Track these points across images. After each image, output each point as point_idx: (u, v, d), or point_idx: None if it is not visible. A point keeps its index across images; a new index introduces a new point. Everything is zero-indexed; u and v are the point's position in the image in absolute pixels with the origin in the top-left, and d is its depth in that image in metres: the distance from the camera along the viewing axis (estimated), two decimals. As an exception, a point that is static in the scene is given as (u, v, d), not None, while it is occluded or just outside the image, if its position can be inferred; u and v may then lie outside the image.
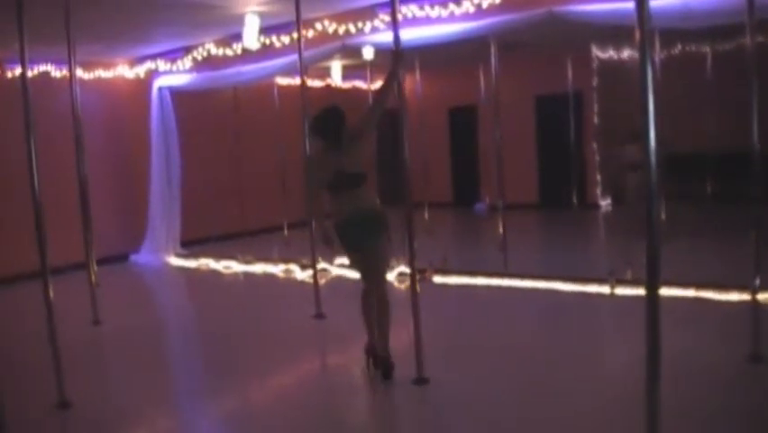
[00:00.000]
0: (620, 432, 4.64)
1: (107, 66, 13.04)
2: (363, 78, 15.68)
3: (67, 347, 5.94)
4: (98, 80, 12.91)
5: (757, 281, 5.80)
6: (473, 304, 8.55)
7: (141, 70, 13.12)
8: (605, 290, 8.21)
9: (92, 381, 6.56)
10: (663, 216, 10.46)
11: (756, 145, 5.65)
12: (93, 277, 8.68)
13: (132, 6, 8.90)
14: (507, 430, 4.86)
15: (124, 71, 13.23)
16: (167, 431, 5.45)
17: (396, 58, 5.81)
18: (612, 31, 7.60)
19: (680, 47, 13.69)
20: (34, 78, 11.53)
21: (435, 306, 5.90)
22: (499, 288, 8.99)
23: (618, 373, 5.73)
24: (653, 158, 3.27)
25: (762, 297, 6.02)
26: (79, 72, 9.55)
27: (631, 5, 3.29)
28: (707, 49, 13.63)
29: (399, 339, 6.03)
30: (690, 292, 7.71)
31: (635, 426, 3.56)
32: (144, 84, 13.11)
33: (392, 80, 5.87)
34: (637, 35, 3.28)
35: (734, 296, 7.35)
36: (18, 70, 5.76)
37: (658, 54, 11.42)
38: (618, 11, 7.48)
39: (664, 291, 7.06)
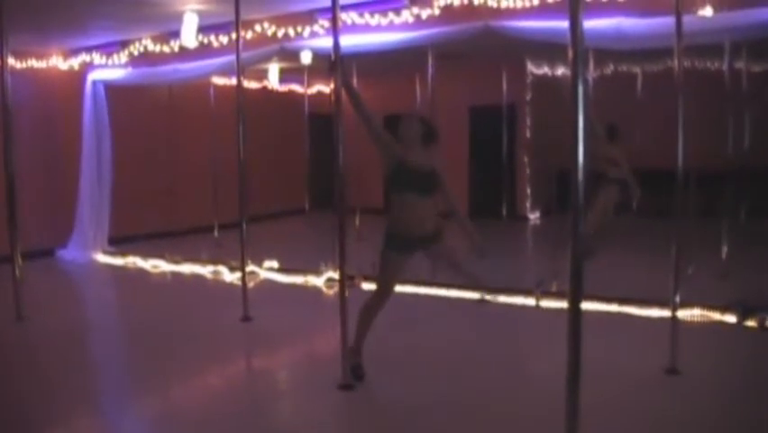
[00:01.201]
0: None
1: (40, 56, 12.77)
2: (300, 82, 15.69)
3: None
4: (30, 70, 12.63)
5: (677, 298, 6.00)
6: (401, 312, 8.58)
7: (75, 62, 12.88)
8: (531, 301, 8.35)
9: (14, 378, 6.42)
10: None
11: (681, 161, 5.88)
12: (17, 271, 8.50)
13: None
14: (429, 437, 4.92)
15: (58, 62, 12.97)
16: (90, 431, 5.38)
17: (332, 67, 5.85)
18: (547, 47, 7.75)
19: (612, 67, 14.02)
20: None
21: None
22: (427, 296, 9.06)
23: (540, 382, 5.83)
24: (580, 172, 3.35)
25: (681, 313, 6.23)
26: (11, 61, 9.34)
27: (566, 25, 3.37)
28: (637, 69, 13.99)
29: (327, 344, 6.05)
30: (614, 307, 7.89)
31: (555, 430, 3.65)
32: (78, 77, 12.87)
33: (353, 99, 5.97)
34: (570, 54, 3.36)
35: (655, 311, 7.55)
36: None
37: (591, 72, 11.67)
38: (553, 29, 7.65)
39: (589, 305, 7.28)
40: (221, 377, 6.45)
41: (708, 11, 7.45)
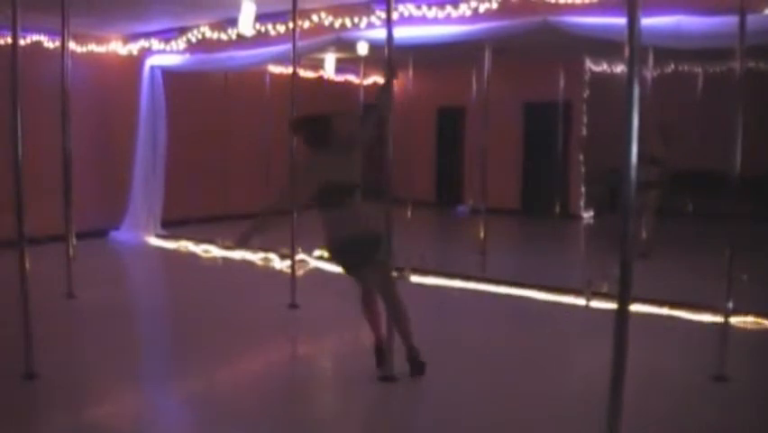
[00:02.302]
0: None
1: (100, 41, 12.96)
2: (356, 73, 15.71)
3: (38, 319, 5.91)
4: (90, 54, 12.83)
5: (730, 304, 5.87)
6: (448, 305, 8.58)
7: (134, 48, 13.05)
8: (581, 301, 8.25)
9: (61, 354, 6.52)
10: (645, 233, 10.53)
11: (737, 164, 5.75)
12: (71, 250, 8.64)
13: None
14: (468, 430, 4.89)
15: (117, 47, 13.15)
16: (131, 408, 5.44)
17: (388, 76, 5.81)
18: (606, 44, 7.63)
19: (673, 66, 13.81)
20: (26, 46, 11.47)
21: (410, 305, 5.91)
22: (475, 291, 9.01)
23: (583, 383, 5.76)
24: (633, 172, 3.29)
25: (733, 319, 6.11)
26: (72, 45, 9.50)
27: (624, 21, 3.31)
28: (698, 69, 13.76)
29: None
30: (665, 310, 7.77)
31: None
32: (136, 62, 13.04)
33: (386, 94, 5.86)
34: (627, 51, 3.30)
35: (706, 317, 7.41)
36: (9, 38, 5.71)
37: (651, 71, 11.50)
38: (611, 26, 7.51)
39: (639, 307, 7.19)
40: (263, 363, 6.51)
41: (774, 10, 7.26)
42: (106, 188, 13.17)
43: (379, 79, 15.67)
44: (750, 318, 7.29)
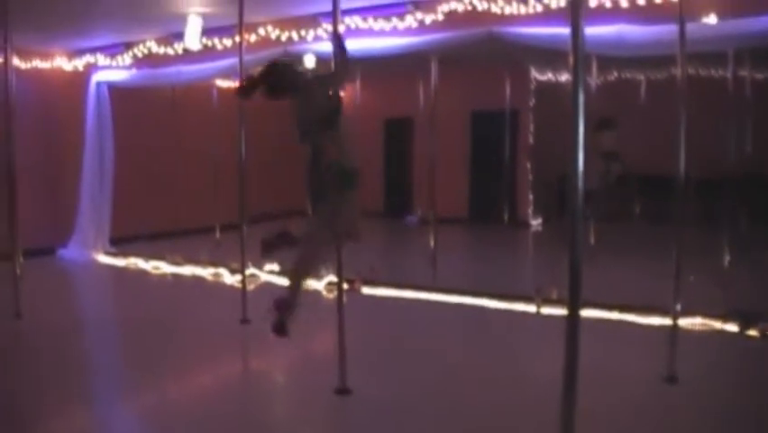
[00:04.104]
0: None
1: (45, 56, 12.81)
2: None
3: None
4: (35, 70, 12.67)
5: (678, 306, 5.98)
6: (400, 316, 8.59)
7: (79, 63, 12.92)
8: (531, 308, 8.32)
9: (11, 374, 6.43)
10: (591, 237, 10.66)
11: (682, 168, 5.87)
12: (17, 269, 8.50)
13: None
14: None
15: (62, 63, 13.01)
16: (80, 426, 5.38)
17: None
18: (550, 54, 7.75)
19: (615, 73, 14.05)
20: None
21: (362, 317, 5.93)
22: (427, 301, 9.04)
23: (536, 388, 5.80)
24: (580, 178, 3.34)
25: (681, 321, 6.21)
26: (16, 61, 9.35)
27: (567, 31, 3.36)
28: (641, 76, 14.02)
29: (324, 348, 6.04)
30: (614, 314, 7.87)
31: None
32: (82, 77, 12.92)
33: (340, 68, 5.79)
34: (571, 60, 3.35)
35: (655, 319, 7.52)
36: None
37: (595, 79, 11.66)
38: (555, 36, 7.64)
39: (589, 312, 7.27)
40: (217, 378, 6.46)
41: (711, 18, 7.43)
42: (53, 205, 12.99)
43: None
44: (698, 320, 7.42)
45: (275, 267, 10.45)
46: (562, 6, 7.98)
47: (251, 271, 9.46)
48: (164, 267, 11.86)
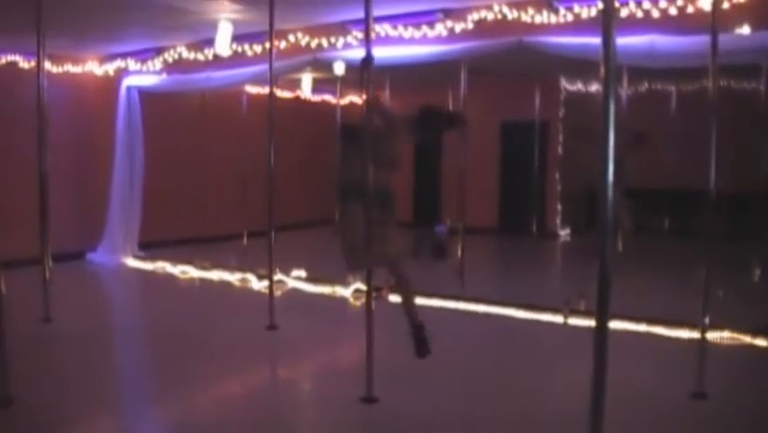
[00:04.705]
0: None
1: (76, 61, 12.92)
2: (333, 93, 15.72)
3: (14, 343, 5.85)
4: (67, 75, 12.79)
5: (706, 320, 5.91)
6: (427, 325, 8.54)
7: (110, 68, 13.03)
8: (559, 319, 8.27)
9: (37, 379, 6.44)
10: (621, 249, 10.59)
11: (712, 182, 5.79)
12: (47, 273, 8.55)
13: (106, 4, 8.85)
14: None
15: (94, 68, 13.12)
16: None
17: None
18: (580, 64, 7.70)
19: (647, 85, 13.97)
20: (1, 67, 11.45)
21: (389, 325, 5.91)
22: (454, 310, 9.01)
23: (563, 401, 5.77)
24: (609, 191, 3.31)
25: (710, 335, 6.14)
26: (48, 65, 9.46)
27: (597, 41, 3.34)
28: (672, 88, 13.92)
29: (350, 357, 6.03)
30: (642, 327, 7.80)
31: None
32: (113, 82, 13.01)
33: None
34: (602, 71, 3.33)
35: (683, 333, 7.45)
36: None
37: (625, 90, 11.60)
38: (586, 46, 7.60)
39: (617, 325, 7.20)
40: (242, 385, 6.45)
41: (745, 29, 7.35)
42: (83, 210, 13.08)
43: (356, 99, 15.68)
44: (726, 334, 7.34)
45: (301, 273, 10.48)
46: (593, 16, 7.95)
47: (278, 276, 9.47)
48: (192, 272, 11.91)
